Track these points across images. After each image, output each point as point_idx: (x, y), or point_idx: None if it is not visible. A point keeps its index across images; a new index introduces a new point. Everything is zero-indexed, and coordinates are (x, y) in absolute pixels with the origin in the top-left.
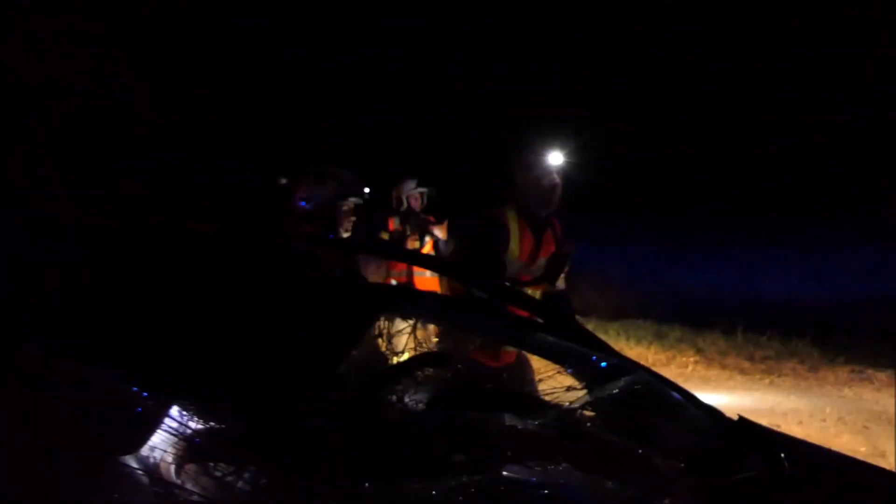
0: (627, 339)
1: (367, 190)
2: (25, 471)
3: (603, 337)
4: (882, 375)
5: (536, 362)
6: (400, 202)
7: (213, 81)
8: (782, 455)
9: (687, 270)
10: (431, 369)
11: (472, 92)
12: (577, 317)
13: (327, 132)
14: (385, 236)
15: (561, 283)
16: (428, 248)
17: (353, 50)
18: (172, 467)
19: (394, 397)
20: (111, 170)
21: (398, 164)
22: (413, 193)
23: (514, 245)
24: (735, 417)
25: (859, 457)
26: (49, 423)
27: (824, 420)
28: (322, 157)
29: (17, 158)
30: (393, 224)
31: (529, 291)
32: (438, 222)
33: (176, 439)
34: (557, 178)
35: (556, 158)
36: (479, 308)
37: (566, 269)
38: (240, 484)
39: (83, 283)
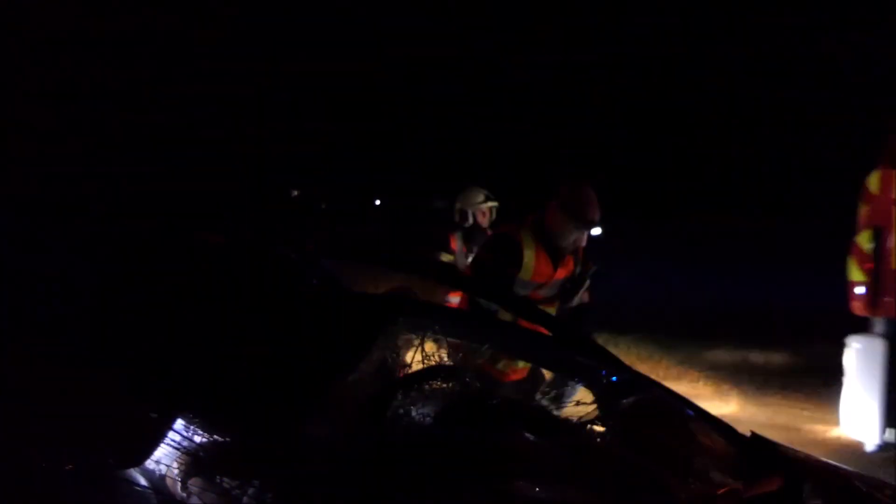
0: (637, 353)
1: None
2: (28, 484)
3: (612, 352)
4: None
5: (547, 376)
6: (464, 217)
7: (214, 81)
8: (796, 472)
9: (698, 283)
10: (440, 382)
11: (473, 91)
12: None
13: (334, 134)
14: (447, 258)
15: (585, 297)
16: None
17: (359, 51)
18: (177, 481)
19: (402, 410)
20: (112, 170)
21: (411, 166)
22: (481, 207)
23: (527, 265)
24: (748, 433)
25: (877, 475)
26: (53, 436)
27: (839, 436)
28: (329, 159)
29: (18, 159)
30: (455, 243)
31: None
32: None
33: (181, 452)
34: (584, 242)
35: (596, 230)
36: (490, 321)
37: (585, 287)
38: (245, 499)
39: (89, 293)
